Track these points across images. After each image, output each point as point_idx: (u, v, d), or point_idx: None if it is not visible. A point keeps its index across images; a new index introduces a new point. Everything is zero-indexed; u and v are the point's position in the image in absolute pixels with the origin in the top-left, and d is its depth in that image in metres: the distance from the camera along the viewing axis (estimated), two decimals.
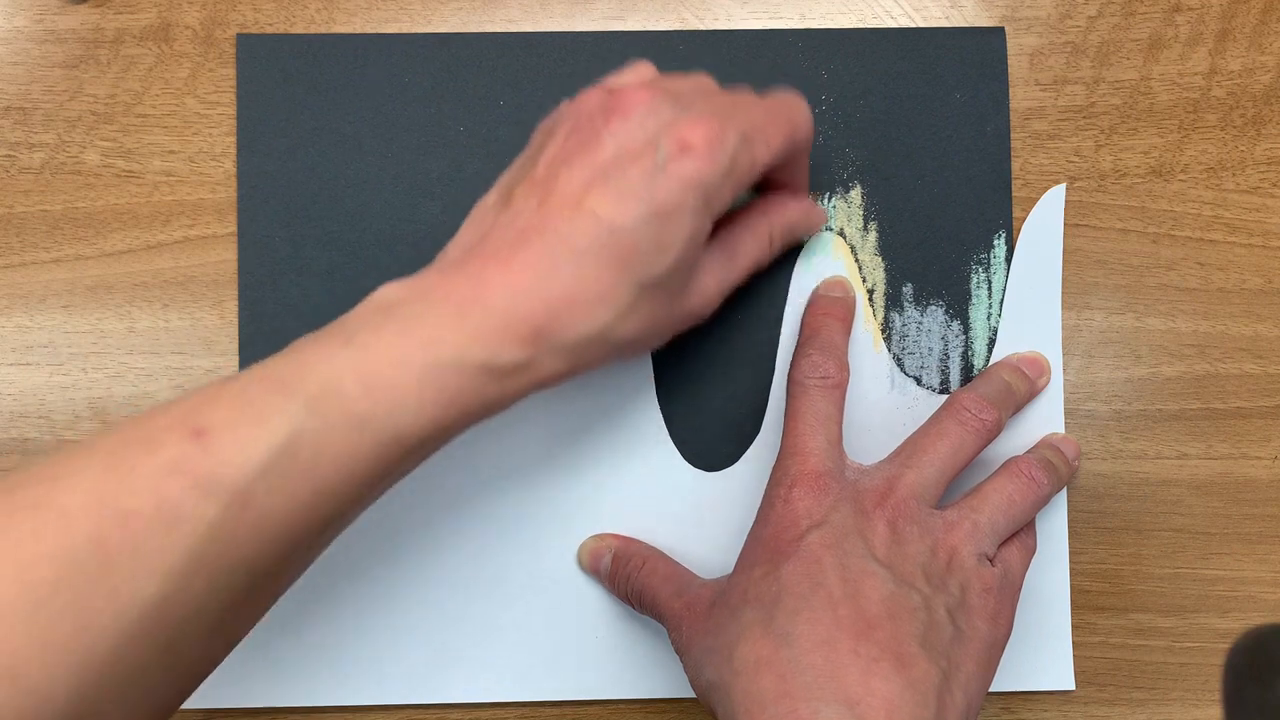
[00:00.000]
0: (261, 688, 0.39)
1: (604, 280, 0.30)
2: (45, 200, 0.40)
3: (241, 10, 0.41)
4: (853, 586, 0.32)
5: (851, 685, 0.30)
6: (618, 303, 0.30)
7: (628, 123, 0.31)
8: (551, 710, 0.40)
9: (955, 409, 0.37)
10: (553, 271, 0.29)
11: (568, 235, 0.30)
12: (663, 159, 0.30)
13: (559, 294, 0.29)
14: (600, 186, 0.30)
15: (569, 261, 0.30)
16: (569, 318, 0.30)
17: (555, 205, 0.30)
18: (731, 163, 0.31)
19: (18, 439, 0.40)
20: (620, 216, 0.30)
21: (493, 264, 0.30)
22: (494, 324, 0.29)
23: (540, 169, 0.31)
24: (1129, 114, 0.41)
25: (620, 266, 0.30)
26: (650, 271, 0.30)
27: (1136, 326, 0.41)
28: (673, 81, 0.33)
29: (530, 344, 0.29)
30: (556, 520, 0.40)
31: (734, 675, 0.32)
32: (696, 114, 0.31)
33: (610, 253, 0.30)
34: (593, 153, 0.31)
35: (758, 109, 0.33)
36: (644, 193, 0.30)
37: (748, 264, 0.36)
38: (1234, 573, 0.41)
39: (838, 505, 0.34)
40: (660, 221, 0.30)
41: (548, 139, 0.32)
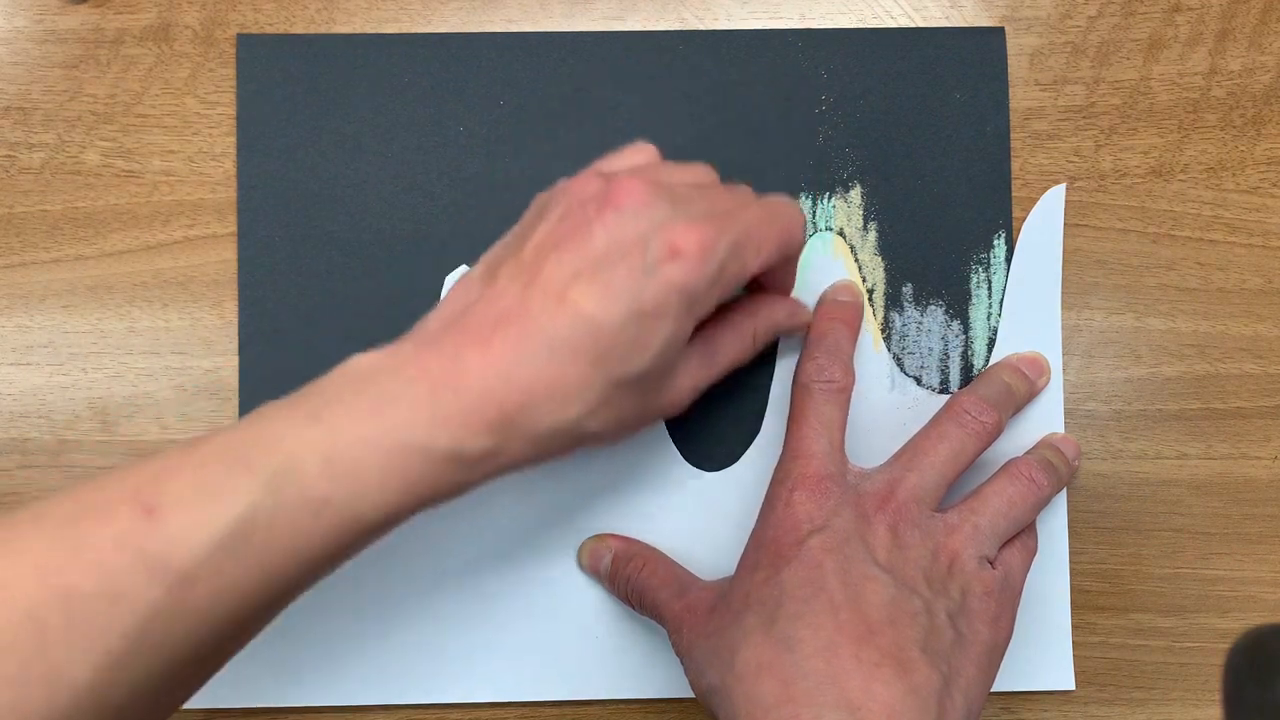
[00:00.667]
0: (261, 688, 0.39)
1: (579, 375, 0.29)
2: (45, 200, 0.40)
3: (241, 10, 0.41)
4: (854, 591, 0.32)
5: (853, 690, 0.30)
6: (589, 398, 0.30)
7: (621, 217, 0.30)
8: (551, 710, 0.40)
9: (955, 412, 0.37)
10: (529, 360, 0.29)
11: (548, 326, 0.29)
12: (652, 261, 0.30)
13: (533, 384, 0.29)
14: (586, 280, 0.29)
15: (546, 352, 0.29)
16: (540, 408, 0.29)
17: (539, 292, 0.30)
18: (720, 270, 0.31)
19: (18, 439, 0.40)
20: (603, 313, 0.29)
21: (469, 345, 0.29)
22: (465, 409, 0.28)
23: (529, 251, 0.31)
24: (1129, 114, 0.41)
25: (597, 362, 0.29)
26: (626, 370, 0.30)
27: (1136, 326, 0.41)
28: (671, 173, 0.33)
29: (498, 431, 0.29)
30: (556, 520, 0.40)
31: (736, 680, 0.32)
32: (689, 217, 0.30)
33: (588, 348, 0.29)
34: (583, 243, 0.30)
35: (752, 214, 0.32)
36: (629, 292, 0.29)
37: (727, 363, 0.35)
38: (1234, 573, 0.41)
39: (839, 509, 0.34)
40: (642, 322, 0.30)
41: (539, 220, 0.32)
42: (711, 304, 0.32)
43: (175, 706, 0.29)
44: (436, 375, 0.29)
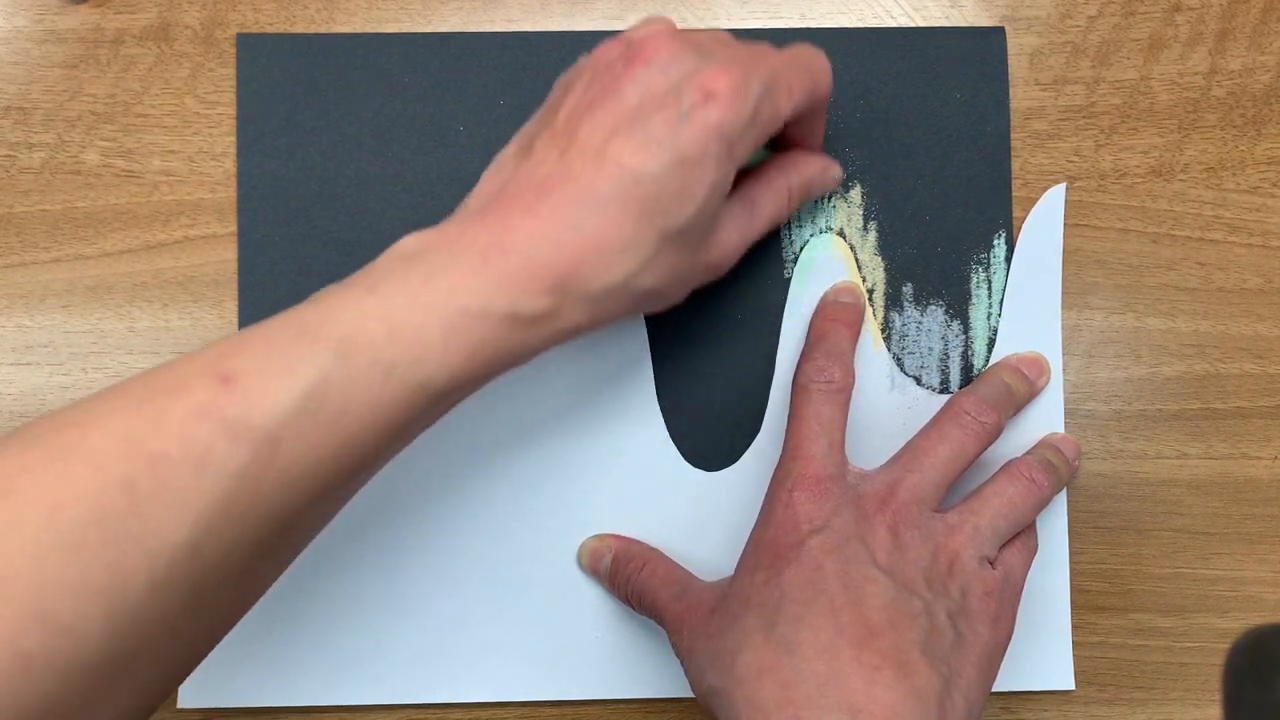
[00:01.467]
0: (261, 688, 0.39)
1: (627, 229, 0.30)
2: (45, 200, 0.40)
3: (241, 10, 0.41)
4: (854, 593, 0.32)
5: (854, 693, 0.30)
6: (641, 251, 0.30)
7: (650, 70, 0.31)
8: (551, 710, 0.40)
9: (955, 412, 0.37)
10: (577, 220, 0.29)
11: (591, 183, 0.29)
12: (687, 107, 0.30)
13: (583, 242, 0.29)
14: (624, 134, 0.30)
15: (593, 210, 0.29)
16: (592, 266, 0.29)
17: (578, 154, 0.30)
18: (755, 111, 0.31)
19: None
20: (644, 164, 0.29)
21: (516, 212, 0.30)
22: (518, 272, 0.29)
23: (561, 119, 0.31)
24: (1129, 114, 0.41)
25: (644, 215, 0.30)
26: (673, 220, 0.30)
27: (1136, 326, 0.41)
28: (692, 34, 0.33)
29: (554, 293, 0.29)
30: (556, 520, 0.40)
31: (736, 682, 0.32)
32: (720, 62, 0.31)
33: (634, 201, 0.29)
34: (615, 101, 0.30)
35: (779, 59, 0.33)
36: (668, 140, 0.30)
37: (767, 218, 0.36)
38: (1234, 573, 0.41)
39: (839, 510, 0.34)
40: (684, 169, 0.30)
41: (567, 92, 0.32)
42: (749, 149, 0.32)
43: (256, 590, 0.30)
44: (486, 244, 0.29)
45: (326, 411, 0.27)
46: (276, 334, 0.28)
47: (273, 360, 0.27)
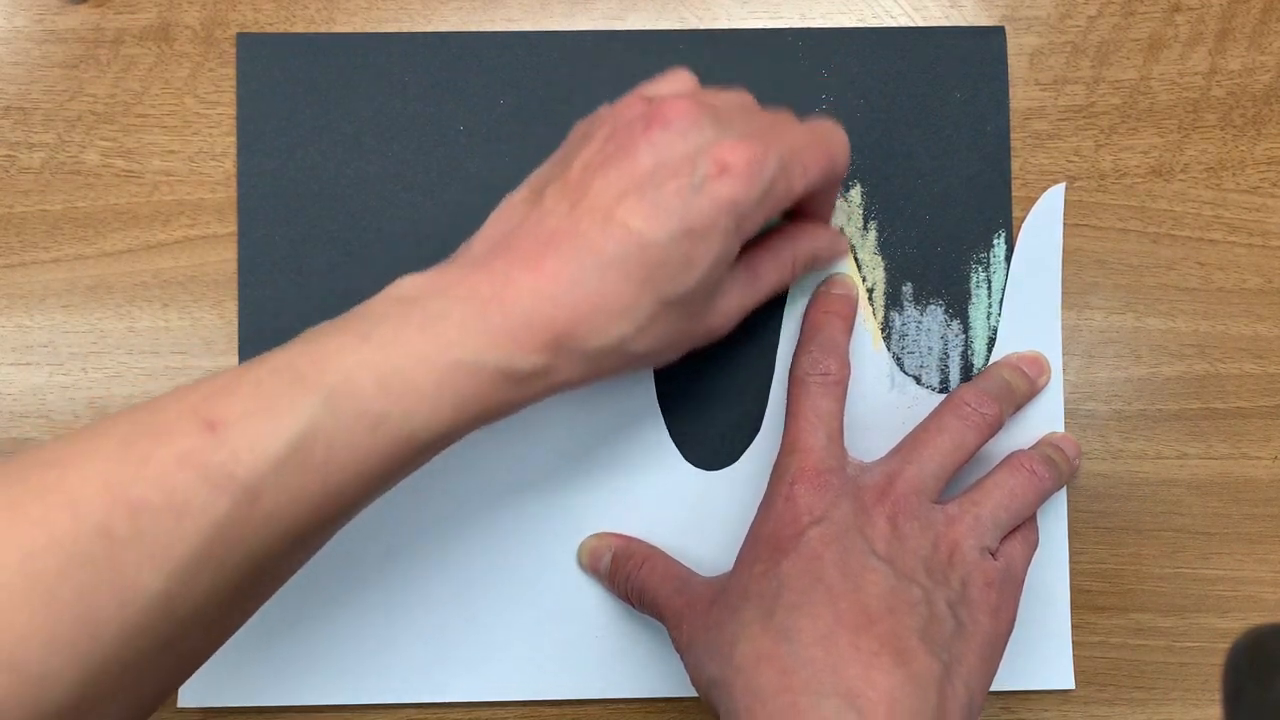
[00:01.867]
0: (261, 688, 0.39)
1: (628, 293, 0.30)
2: (45, 200, 0.40)
3: (241, 10, 0.41)
4: (853, 581, 0.32)
5: (852, 679, 0.30)
6: (638, 316, 0.30)
7: (668, 135, 0.30)
8: (551, 710, 0.40)
9: (955, 404, 0.37)
10: (578, 279, 0.29)
11: (597, 244, 0.29)
12: (700, 178, 0.30)
13: (583, 303, 0.29)
14: (635, 198, 0.30)
15: (596, 271, 0.29)
16: (590, 327, 0.29)
17: (586, 211, 0.30)
18: (768, 188, 0.31)
19: (18, 439, 0.40)
20: (652, 231, 0.29)
21: (518, 265, 0.29)
22: (515, 328, 0.29)
23: (575, 171, 0.31)
24: (1129, 114, 0.41)
25: (646, 281, 0.30)
26: (675, 288, 0.30)
27: (1136, 326, 0.41)
28: (714, 96, 0.33)
29: (549, 351, 0.29)
30: (556, 520, 0.40)
31: (735, 671, 0.32)
32: (737, 135, 0.31)
33: (637, 266, 0.29)
34: (630, 162, 0.30)
35: (798, 135, 0.33)
36: (678, 210, 0.30)
37: (769, 288, 0.36)
38: (1234, 573, 0.41)
39: (838, 501, 0.34)
40: (691, 240, 0.30)
41: (584, 142, 0.32)
42: (758, 224, 0.32)
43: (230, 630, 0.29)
44: (485, 295, 0.29)
45: (312, 462, 0.27)
46: (266, 378, 0.27)
47: (261, 407, 0.27)
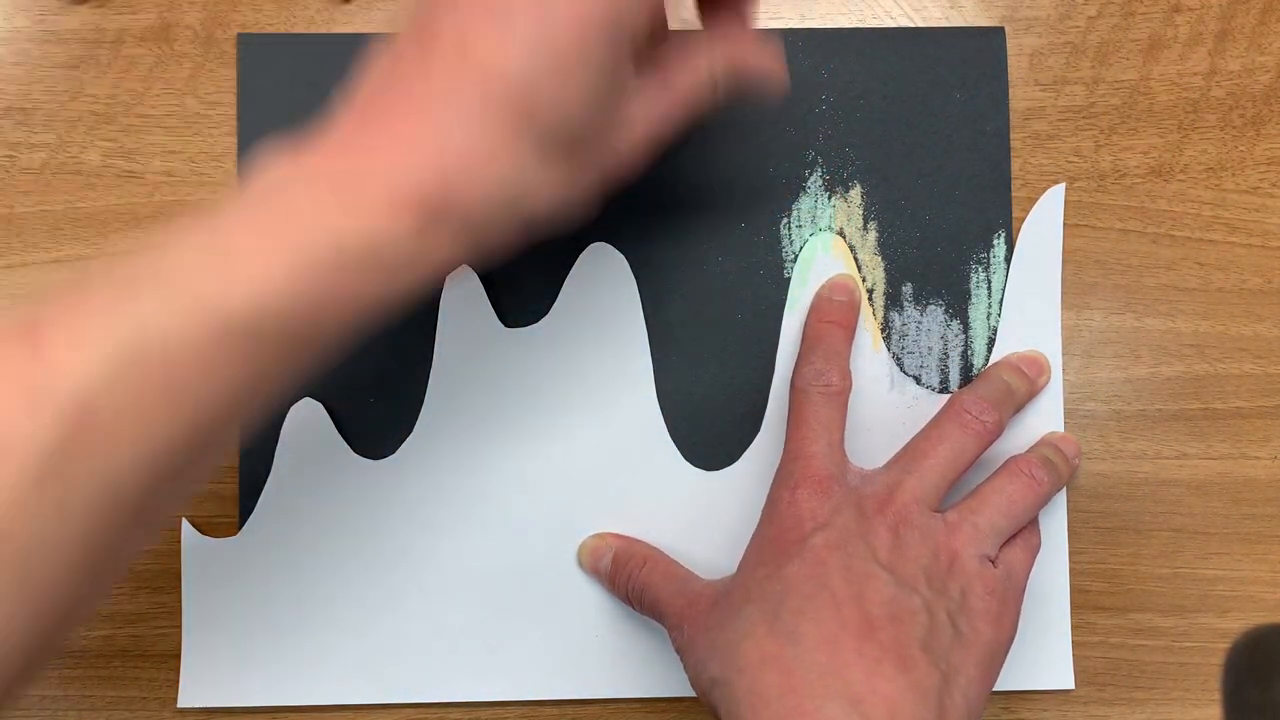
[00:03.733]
0: (261, 688, 0.39)
1: (499, 139, 0.25)
2: (46, 200, 0.40)
3: (242, 10, 0.41)
4: (856, 588, 0.32)
5: (856, 683, 0.30)
6: (519, 164, 0.26)
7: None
8: (551, 710, 0.40)
9: (956, 411, 0.37)
10: (441, 134, 0.25)
11: (454, 89, 0.25)
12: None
13: (451, 160, 0.25)
14: (486, 28, 0.25)
15: (458, 121, 0.25)
16: (464, 187, 0.25)
17: (438, 54, 0.26)
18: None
19: None
20: (510, 63, 0.25)
21: (375, 131, 0.26)
22: (376, 202, 0.25)
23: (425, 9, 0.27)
24: (1129, 114, 0.41)
25: (518, 122, 0.25)
26: (553, 126, 0.26)
27: (1136, 326, 0.41)
28: None
29: (420, 222, 0.25)
30: (556, 520, 0.40)
31: (738, 672, 0.32)
32: None
33: (505, 107, 0.25)
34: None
35: None
36: (535, 33, 0.25)
37: (682, 103, 0.30)
38: (1234, 573, 0.41)
39: (841, 509, 0.34)
40: (559, 66, 0.25)
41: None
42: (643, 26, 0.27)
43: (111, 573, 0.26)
44: (344, 170, 0.25)
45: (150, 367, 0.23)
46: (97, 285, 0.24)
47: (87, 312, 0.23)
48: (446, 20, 0.26)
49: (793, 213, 0.40)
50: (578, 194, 0.28)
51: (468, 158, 0.25)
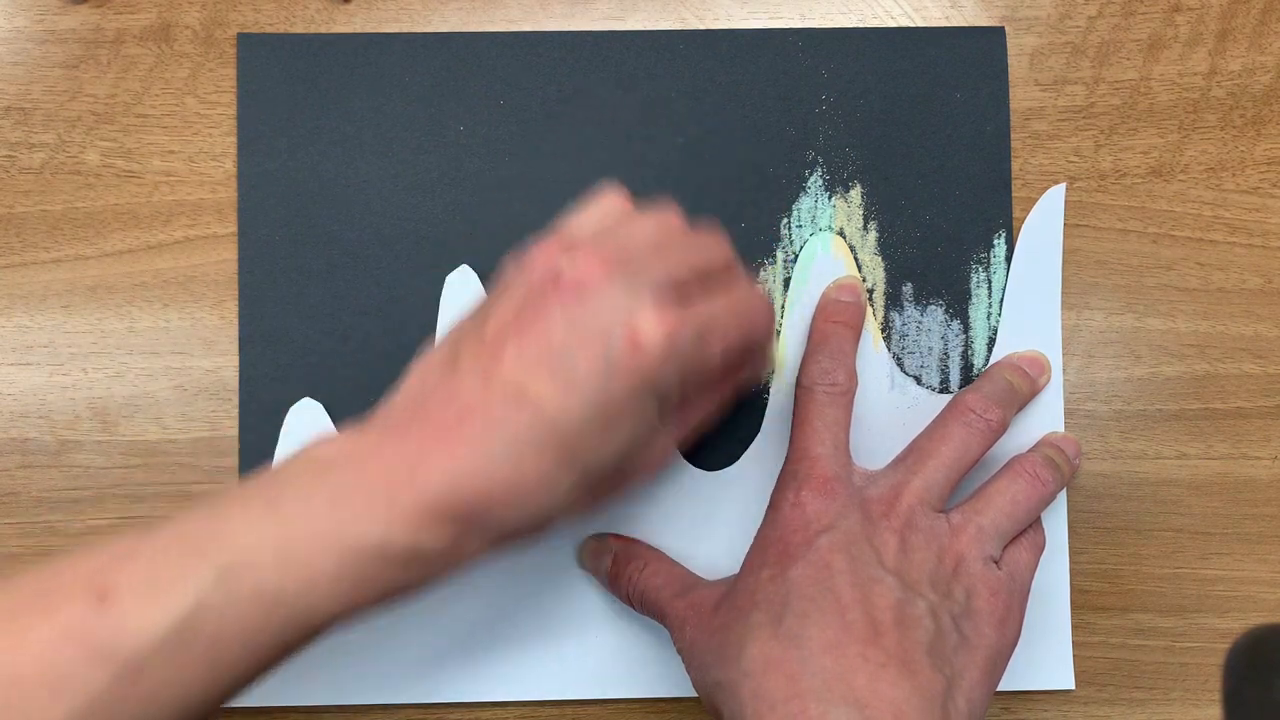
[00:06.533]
0: (262, 688, 0.39)
1: (543, 471, 0.29)
2: (45, 200, 0.40)
3: (241, 10, 0.41)
4: (861, 592, 0.32)
5: (860, 688, 0.30)
6: (555, 492, 0.29)
7: (580, 302, 0.29)
8: (551, 710, 0.40)
9: (959, 410, 0.37)
10: (490, 459, 0.28)
11: (510, 422, 0.28)
12: (613, 354, 0.28)
13: (497, 483, 0.28)
14: (547, 374, 0.28)
15: (509, 450, 0.28)
16: (503, 506, 0.28)
17: (499, 385, 0.29)
18: (683, 361, 0.30)
19: (18, 439, 0.40)
20: (564, 411, 0.28)
21: (432, 439, 0.29)
22: (425, 508, 0.28)
23: (490, 333, 0.30)
24: (1129, 114, 0.41)
25: (560, 458, 0.29)
26: (591, 463, 0.29)
27: (1136, 326, 0.41)
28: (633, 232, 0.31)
29: (458, 529, 0.28)
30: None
31: (743, 675, 0.32)
32: (652, 305, 0.29)
33: (551, 445, 0.28)
34: (542, 331, 0.29)
35: (719, 304, 0.31)
36: (591, 387, 0.28)
37: (699, 425, 0.35)
38: (1234, 573, 0.41)
39: (846, 511, 0.34)
40: (606, 416, 0.29)
41: (501, 297, 0.31)
42: (676, 390, 0.31)
43: None
44: (397, 470, 0.28)
45: (201, 639, 0.27)
46: (165, 548, 0.27)
47: (155, 581, 0.27)
48: (510, 352, 0.29)
49: (793, 213, 0.40)
50: (600, 504, 0.32)
51: (511, 484, 0.28)
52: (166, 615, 0.26)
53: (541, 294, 0.30)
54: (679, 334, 0.29)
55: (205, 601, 0.27)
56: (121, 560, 0.27)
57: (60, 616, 0.26)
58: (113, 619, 0.26)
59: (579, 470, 0.29)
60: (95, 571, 0.27)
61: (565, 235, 0.32)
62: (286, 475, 0.29)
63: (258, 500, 0.28)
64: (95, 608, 0.26)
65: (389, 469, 0.28)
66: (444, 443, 0.28)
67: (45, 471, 0.40)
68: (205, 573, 0.27)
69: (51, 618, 0.26)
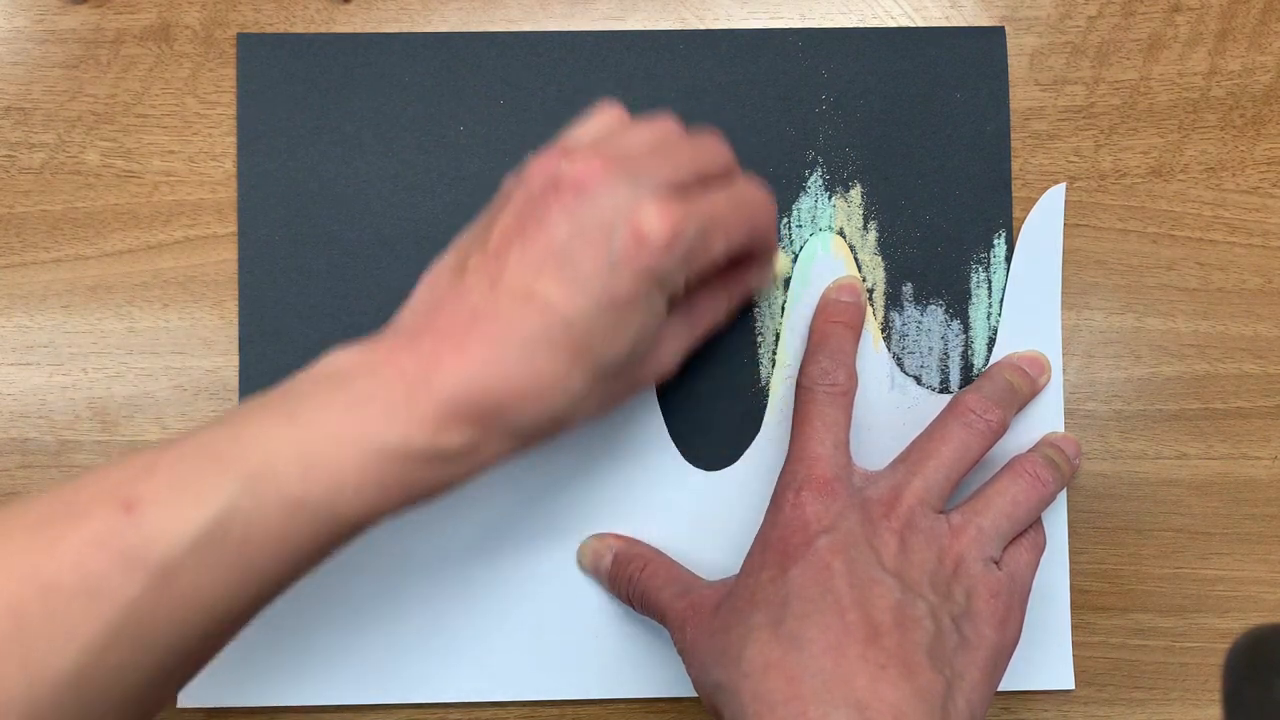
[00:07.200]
0: (261, 688, 0.39)
1: (556, 369, 0.29)
2: (45, 200, 0.40)
3: (241, 10, 0.41)
4: (861, 593, 0.32)
5: (860, 690, 0.30)
6: (570, 389, 0.29)
7: (580, 202, 0.29)
8: (551, 710, 0.40)
9: (960, 410, 0.37)
10: (503, 360, 0.29)
11: (518, 323, 0.29)
12: (617, 249, 0.29)
13: (510, 382, 0.29)
14: (552, 273, 0.29)
15: (520, 350, 0.29)
16: (519, 405, 0.29)
17: (506, 289, 0.29)
18: (687, 254, 0.30)
19: (18, 439, 0.40)
20: (572, 308, 0.29)
21: (445, 345, 0.29)
22: (442, 410, 0.28)
23: (494, 240, 0.30)
24: (1129, 114, 0.41)
25: (573, 355, 0.29)
26: (604, 359, 0.30)
27: (1136, 326, 0.41)
28: (633, 137, 0.32)
29: (476, 429, 0.29)
30: (556, 520, 0.40)
31: (743, 677, 0.32)
32: (654, 199, 0.30)
33: (562, 343, 0.29)
34: (545, 233, 0.29)
35: (718, 197, 0.32)
36: (597, 283, 0.29)
37: (707, 325, 0.35)
38: (1234, 573, 0.41)
39: (846, 512, 0.34)
40: (614, 311, 0.29)
41: (504, 205, 0.31)
42: (681, 283, 0.31)
43: (163, 699, 0.29)
44: (412, 375, 0.29)
45: (229, 544, 0.27)
46: (186, 459, 0.28)
47: (178, 489, 0.27)
48: (515, 256, 0.30)
49: (793, 213, 0.40)
50: (613, 404, 0.32)
51: (526, 383, 0.29)
52: (194, 522, 0.26)
53: (543, 198, 0.30)
54: (682, 226, 0.30)
55: (232, 507, 0.27)
56: (145, 471, 0.27)
57: (90, 525, 0.26)
58: (142, 527, 0.26)
59: (591, 366, 0.30)
60: (120, 484, 0.27)
61: (563, 144, 0.32)
62: (304, 387, 0.29)
63: (277, 410, 0.29)
64: (124, 517, 0.26)
65: (405, 374, 0.29)
66: (457, 346, 0.29)
67: (45, 471, 0.40)
68: (230, 480, 0.27)
69: (81, 527, 0.26)
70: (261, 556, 0.27)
